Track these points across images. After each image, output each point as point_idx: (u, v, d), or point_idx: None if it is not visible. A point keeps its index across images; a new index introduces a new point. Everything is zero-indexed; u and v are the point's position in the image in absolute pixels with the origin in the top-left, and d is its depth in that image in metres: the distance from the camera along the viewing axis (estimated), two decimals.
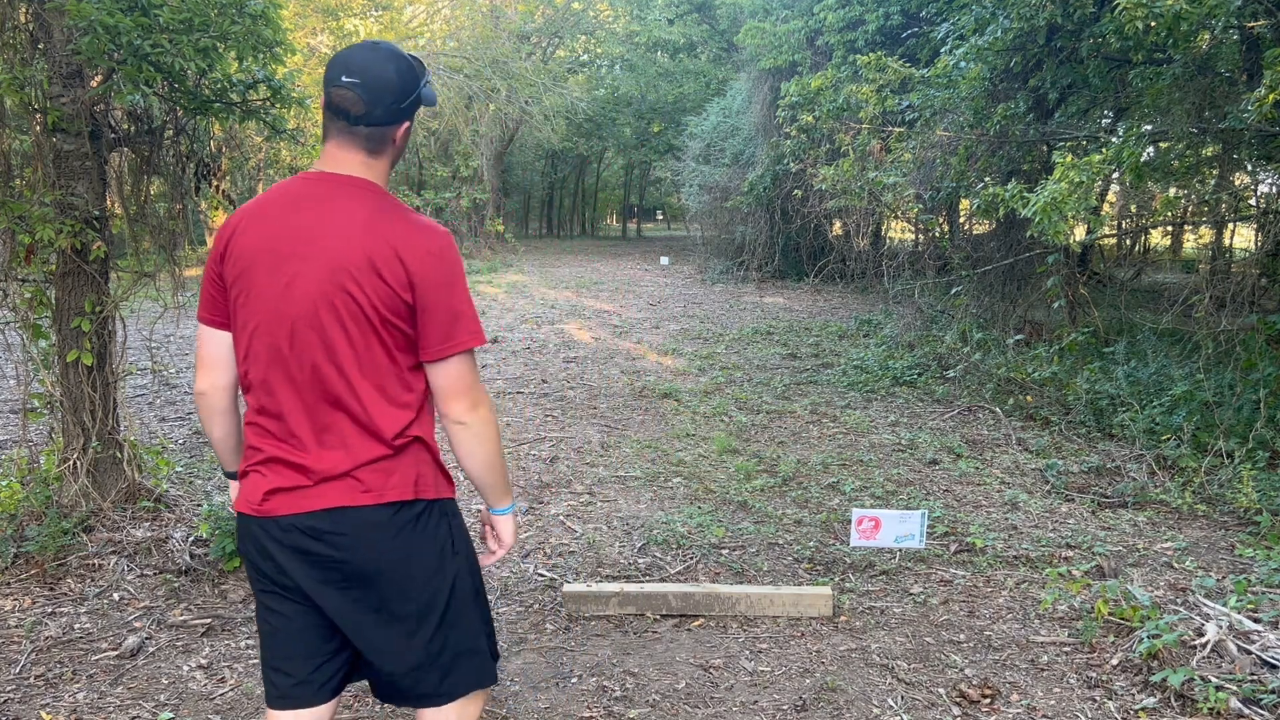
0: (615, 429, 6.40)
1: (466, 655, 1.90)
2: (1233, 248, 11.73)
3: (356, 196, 1.75)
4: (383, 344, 1.73)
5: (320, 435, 1.75)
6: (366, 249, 1.69)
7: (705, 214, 19.12)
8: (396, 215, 1.75)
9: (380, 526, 1.76)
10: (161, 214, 4.40)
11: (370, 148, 1.78)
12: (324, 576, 1.78)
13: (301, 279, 1.72)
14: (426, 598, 1.83)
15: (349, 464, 1.75)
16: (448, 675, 1.87)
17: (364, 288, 1.69)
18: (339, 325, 1.71)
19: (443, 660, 1.86)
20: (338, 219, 1.72)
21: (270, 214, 1.78)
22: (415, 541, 1.79)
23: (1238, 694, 2.83)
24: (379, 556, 1.77)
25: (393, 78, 1.75)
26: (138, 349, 7.44)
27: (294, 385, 1.75)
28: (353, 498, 1.75)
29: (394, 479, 1.77)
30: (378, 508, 1.75)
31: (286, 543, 1.77)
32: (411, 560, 1.80)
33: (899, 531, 3.78)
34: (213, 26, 3.55)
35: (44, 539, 3.69)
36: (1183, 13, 5.09)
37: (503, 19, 24.29)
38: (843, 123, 8.68)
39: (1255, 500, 4.60)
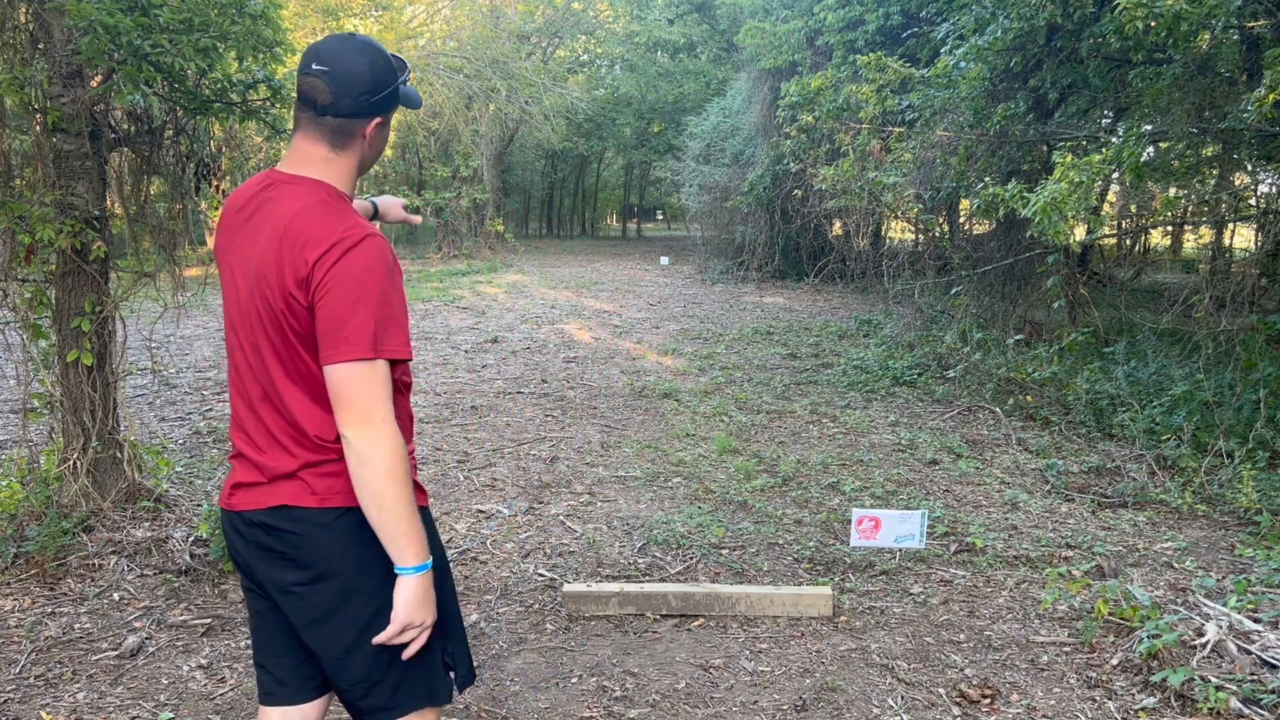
0: (615, 429, 6.40)
1: (418, 669, 1.79)
2: (1233, 248, 11.73)
3: (296, 196, 1.69)
4: (304, 347, 1.67)
5: (268, 434, 1.73)
6: (282, 249, 1.64)
7: (705, 214, 19.13)
8: (321, 214, 1.66)
9: (327, 528, 1.71)
10: (161, 214, 4.40)
11: (334, 141, 1.72)
12: (279, 575, 1.75)
13: (241, 282, 1.72)
14: (375, 607, 1.72)
15: (294, 465, 1.71)
16: (398, 689, 1.78)
17: (275, 291, 1.65)
18: (263, 328, 1.69)
19: (393, 673, 1.76)
20: (271, 220, 1.69)
21: (229, 214, 1.79)
22: (363, 548, 1.71)
23: (1238, 694, 2.83)
24: (327, 558, 1.72)
25: (363, 69, 1.70)
26: (138, 349, 7.44)
27: (244, 385, 1.76)
28: (300, 498, 1.71)
29: (339, 484, 1.70)
30: (324, 510, 1.70)
31: (248, 537, 1.76)
32: (359, 567, 1.72)
33: (899, 531, 3.78)
34: (213, 26, 3.55)
35: (44, 539, 3.69)
36: (1183, 13, 5.09)
37: (503, 19, 24.29)
38: (843, 123, 8.68)
39: (1255, 500, 4.60)
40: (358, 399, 1.62)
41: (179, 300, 4.29)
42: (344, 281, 1.60)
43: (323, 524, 1.71)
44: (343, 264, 1.61)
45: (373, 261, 1.63)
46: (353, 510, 1.70)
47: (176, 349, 9.08)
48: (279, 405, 1.71)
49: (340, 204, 1.71)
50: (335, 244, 1.61)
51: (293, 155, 1.75)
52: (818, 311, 12.89)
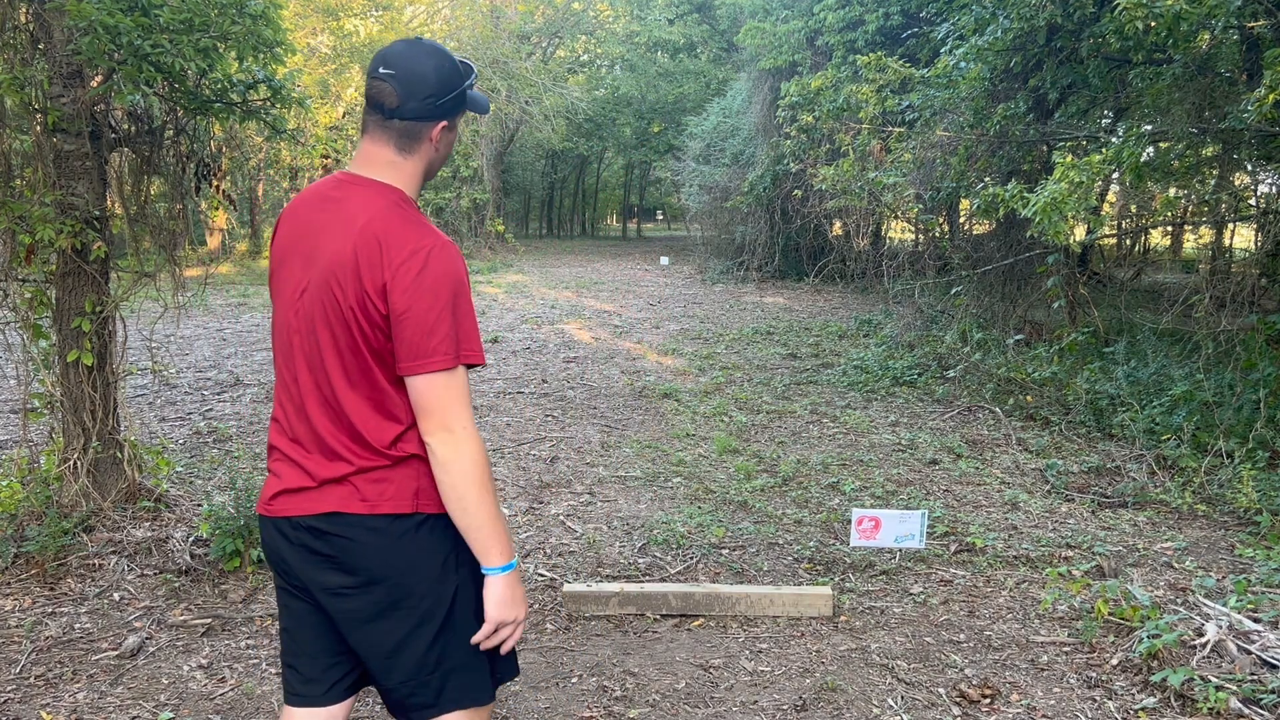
0: (615, 429, 6.40)
1: (462, 671, 1.81)
2: (1233, 248, 11.74)
3: (368, 200, 1.71)
4: (370, 353, 1.68)
5: (319, 439, 1.74)
6: (356, 254, 1.65)
7: (705, 214, 19.13)
8: (397, 220, 1.68)
9: (379, 533, 1.72)
10: (161, 214, 4.40)
11: (401, 144, 1.74)
12: (326, 579, 1.77)
13: (308, 284, 1.72)
14: (425, 608, 1.76)
15: (345, 470, 1.72)
16: (443, 690, 1.80)
17: (348, 294, 1.66)
18: (330, 333, 1.70)
19: (439, 673, 1.79)
20: (341, 224, 1.70)
21: (297, 214, 1.79)
22: (413, 552, 1.74)
23: (1238, 694, 2.83)
24: (378, 563, 1.74)
25: (429, 73, 1.71)
26: (138, 349, 7.44)
27: (299, 388, 1.77)
28: (350, 504, 1.72)
29: (390, 490, 1.72)
30: (374, 516, 1.72)
31: (295, 541, 1.77)
32: (410, 570, 1.74)
33: (899, 531, 3.78)
34: (213, 26, 3.55)
35: (44, 539, 3.69)
36: (1183, 13, 5.09)
37: (503, 19, 24.29)
38: (843, 123, 8.68)
39: (1255, 500, 4.60)
40: (442, 407, 1.66)
41: (179, 300, 4.29)
42: (426, 291, 1.63)
43: (372, 529, 1.72)
44: (424, 274, 1.63)
45: (451, 270, 1.66)
46: (402, 516, 1.72)
47: (176, 349, 9.09)
48: (335, 410, 1.72)
49: (412, 210, 1.73)
50: (415, 252, 1.64)
51: (360, 157, 1.77)
52: (818, 311, 12.89)
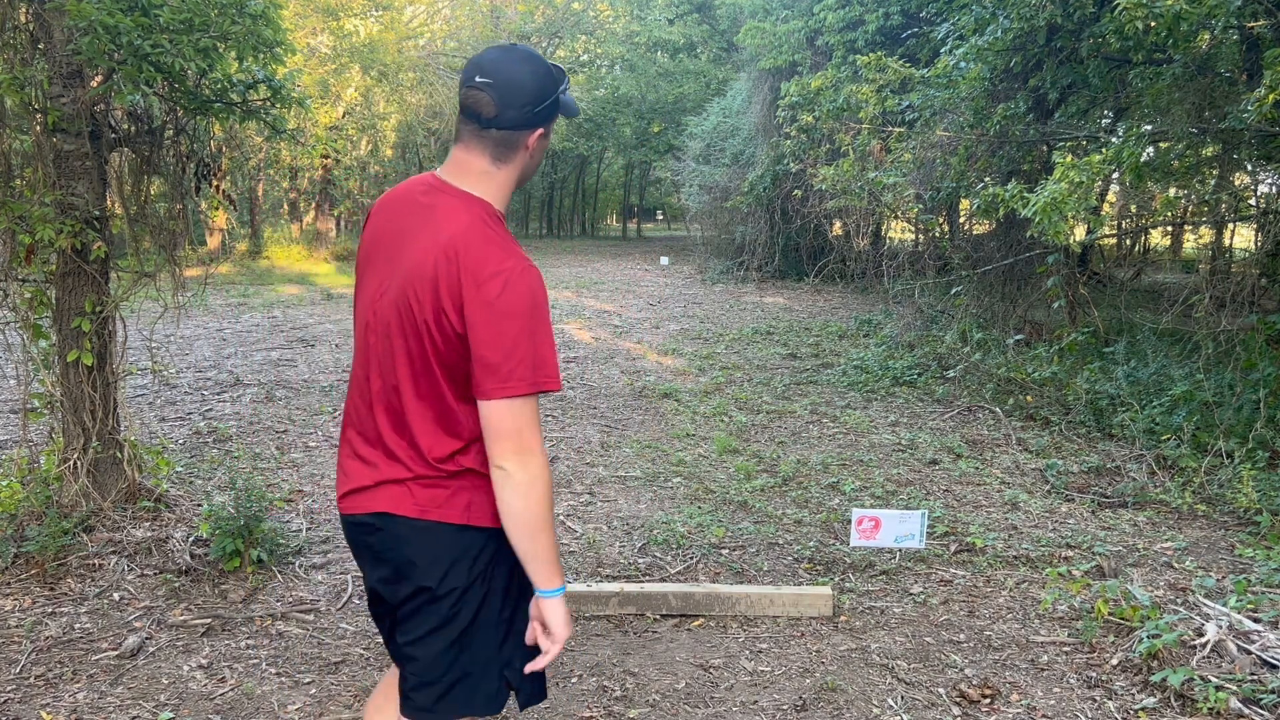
0: (615, 429, 6.40)
1: (468, 681, 1.81)
2: (1233, 248, 11.74)
3: (456, 212, 1.69)
4: (440, 367, 1.68)
5: (382, 441, 1.76)
6: (436, 269, 1.63)
7: (705, 214, 19.13)
8: (478, 238, 1.65)
9: (423, 534, 1.75)
10: (161, 214, 4.39)
11: (497, 154, 1.71)
12: (378, 571, 1.82)
13: (388, 286, 1.72)
14: (448, 613, 1.77)
15: (403, 474, 1.74)
16: (443, 696, 1.81)
17: (425, 307, 1.64)
18: (404, 341, 1.69)
19: (444, 681, 1.80)
20: (426, 233, 1.68)
21: (388, 213, 1.79)
22: (452, 558, 1.75)
23: (1238, 694, 2.83)
24: (417, 563, 1.76)
25: (527, 81, 1.68)
26: (138, 349, 7.44)
27: (369, 387, 1.78)
28: (402, 506, 1.74)
29: (441, 498, 1.73)
30: (422, 520, 1.74)
31: (354, 538, 1.84)
32: (444, 575, 1.75)
33: (899, 531, 3.78)
34: (213, 26, 3.55)
35: (44, 539, 3.69)
36: (1183, 13, 5.09)
37: (503, 19, 24.30)
38: (843, 123, 8.68)
39: (1255, 500, 4.60)
40: (516, 432, 1.64)
41: (179, 300, 4.29)
42: (504, 315, 1.61)
43: (418, 530, 1.74)
44: (503, 297, 1.61)
45: (530, 294, 1.63)
46: (449, 526, 1.74)
47: (176, 349, 9.08)
48: (400, 416, 1.73)
49: (499, 227, 1.70)
50: (495, 274, 1.61)
51: (453, 165, 1.75)
52: (818, 311, 12.89)
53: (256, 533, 3.87)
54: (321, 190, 20.92)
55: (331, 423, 6.43)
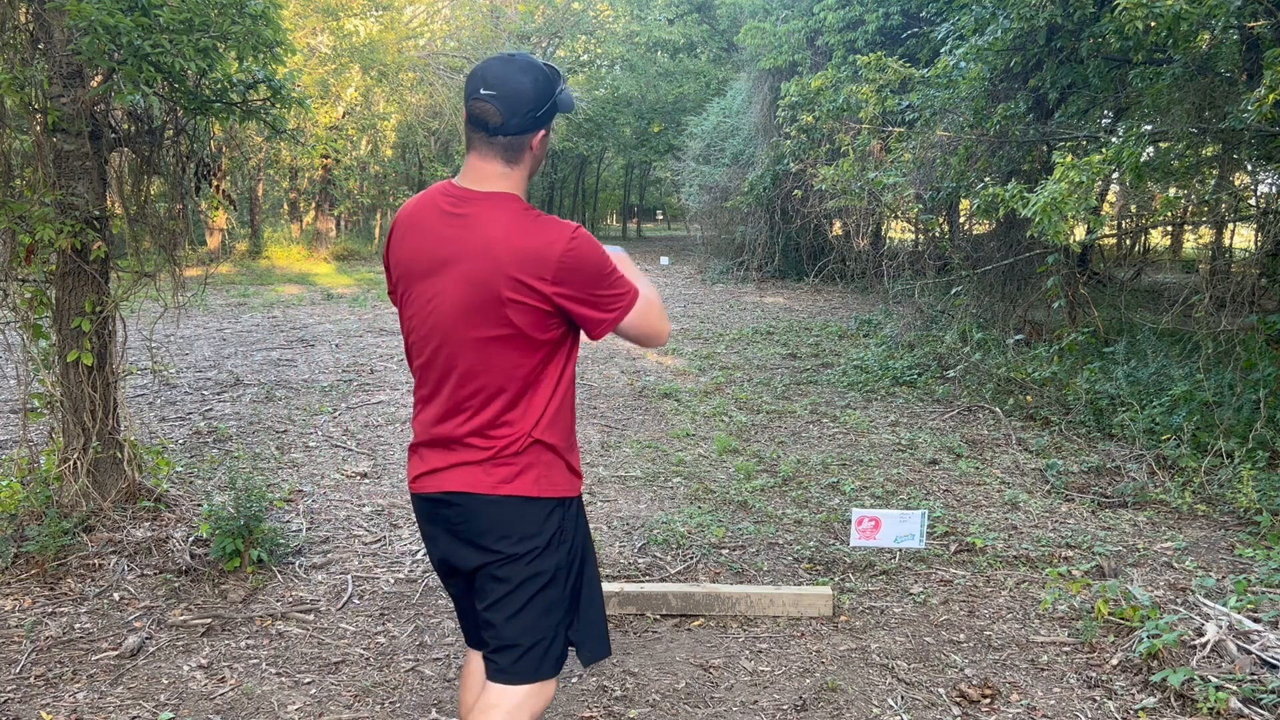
0: (615, 429, 6.40)
1: (541, 644, 2.00)
2: (1233, 248, 11.74)
3: (499, 210, 1.87)
4: (513, 347, 1.88)
5: (457, 426, 1.94)
6: (511, 260, 1.82)
7: (705, 214, 19.12)
8: (532, 222, 1.86)
9: (502, 508, 1.93)
10: (161, 214, 4.40)
11: (507, 157, 1.90)
12: (452, 544, 2.01)
13: (450, 290, 1.88)
14: (523, 579, 1.96)
15: (481, 455, 1.93)
16: (521, 658, 1.99)
17: (509, 290, 1.83)
18: (480, 334, 1.87)
19: (524, 643, 1.98)
20: (482, 233, 1.85)
21: (425, 226, 1.94)
22: (526, 529, 1.95)
23: (1238, 694, 2.83)
24: (489, 538, 1.95)
25: (528, 88, 1.85)
26: (138, 349, 7.44)
27: (442, 380, 1.95)
28: (479, 484, 1.93)
29: (513, 473, 1.93)
30: (492, 499, 1.93)
31: (429, 517, 2.03)
32: (518, 543, 1.94)
33: (899, 531, 3.78)
34: (213, 26, 3.56)
35: (44, 539, 3.69)
36: (1183, 13, 5.09)
37: (503, 19, 24.30)
38: (843, 123, 8.68)
39: (1255, 500, 4.60)
40: (645, 326, 1.99)
41: (179, 300, 4.29)
42: (590, 263, 1.87)
43: (493, 503, 1.93)
44: (585, 251, 1.86)
45: (592, 241, 1.91)
46: (524, 499, 1.94)
47: (176, 349, 9.09)
48: (483, 402, 1.92)
49: (536, 211, 1.92)
50: (569, 239, 1.85)
51: (472, 172, 1.92)
52: (818, 311, 12.89)
53: (256, 533, 3.87)
54: (321, 190, 20.92)
55: (331, 423, 6.43)
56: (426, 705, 2.94)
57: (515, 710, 1.99)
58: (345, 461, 5.52)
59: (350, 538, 4.32)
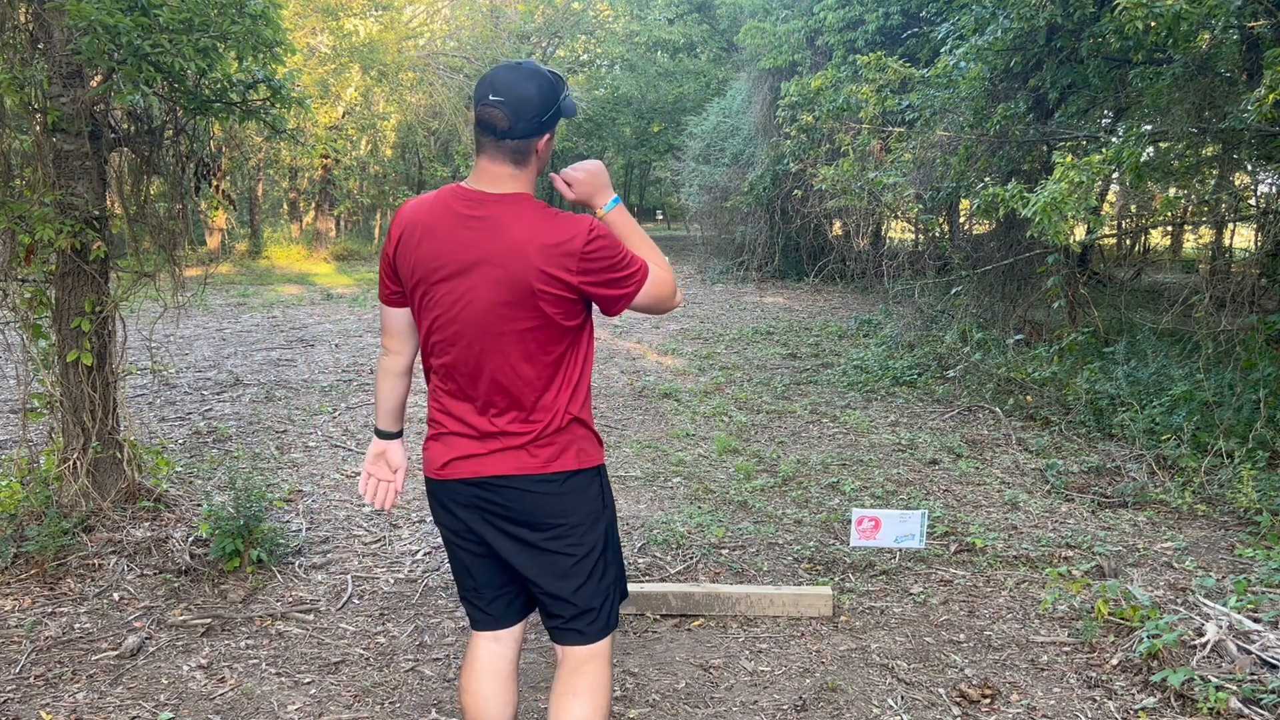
0: (615, 429, 6.40)
1: (610, 598, 2.21)
2: (1233, 248, 11.73)
3: (517, 209, 1.99)
4: (545, 335, 2.01)
5: (493, 415, 2.06)
6: (538, 255, 1.94)
7: (705, 214, 19.10)
8: (549, 219, 1.99)
9: (548, 485, 2.07)
10: (161, 214, 4.39)
11: (515, 159, 2.00)
12: (497, 526, 2.12)
13: (481, 289, 1.98)
14: (588, 546, 2.14)
15: (521, 440, 2.05)
16: (598, 617, 2.18)
17: (538, 282, 1.95)
18: (513, 325, 1.99)
19: (597, 604, 2.17)
20: (500, 234, 1.97)
21: (442, 230, 2.03)
22: (575, 502, 2.11)
23: (1238, 694, 2.83)
24: (549, 512, 2.09)
25: (533, 94, 1.96)
26: (138, 349, 7.44)
27: (471, 373, 2.06)
28: (526, 467, 2.05)
29: (557, 451, 2.07)
30: (543, 477, 2.06)
31: (463, 500, 2.13)
32: (571, 515, 2.10)
33: (899, 531, 3.78)
34: (213, 26, 3.55)
35: (44, 539, 3.69)
36: (1183, 13, 5.08)
37: (503, 19, 24.30)
38: (843, 123, 8.67)
39: (1255, 500, 4.60)
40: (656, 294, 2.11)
41: (179, 300, 4.29)
42: (610, 248, 2.02)
43: (544, 481, 2.07)
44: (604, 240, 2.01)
45: (604, 230, 2.05)
46: (569, 474, 2.09)
47: (176, 349, 9.08)
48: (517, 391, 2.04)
49: (552, 208, 2.05)
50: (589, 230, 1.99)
51: (484, 175, 2.03)
52: (818, 311, 12.89)
53: (256, 533, 3.87)
54: (321, 190, 20.91)
55: (331, 423, 6.43)
56: (426, 705, 2.94)
57: (606, 661, 2.22)
58: (345, 461, 5.52)
59: (350, 538, 4.32)
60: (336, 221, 23.47)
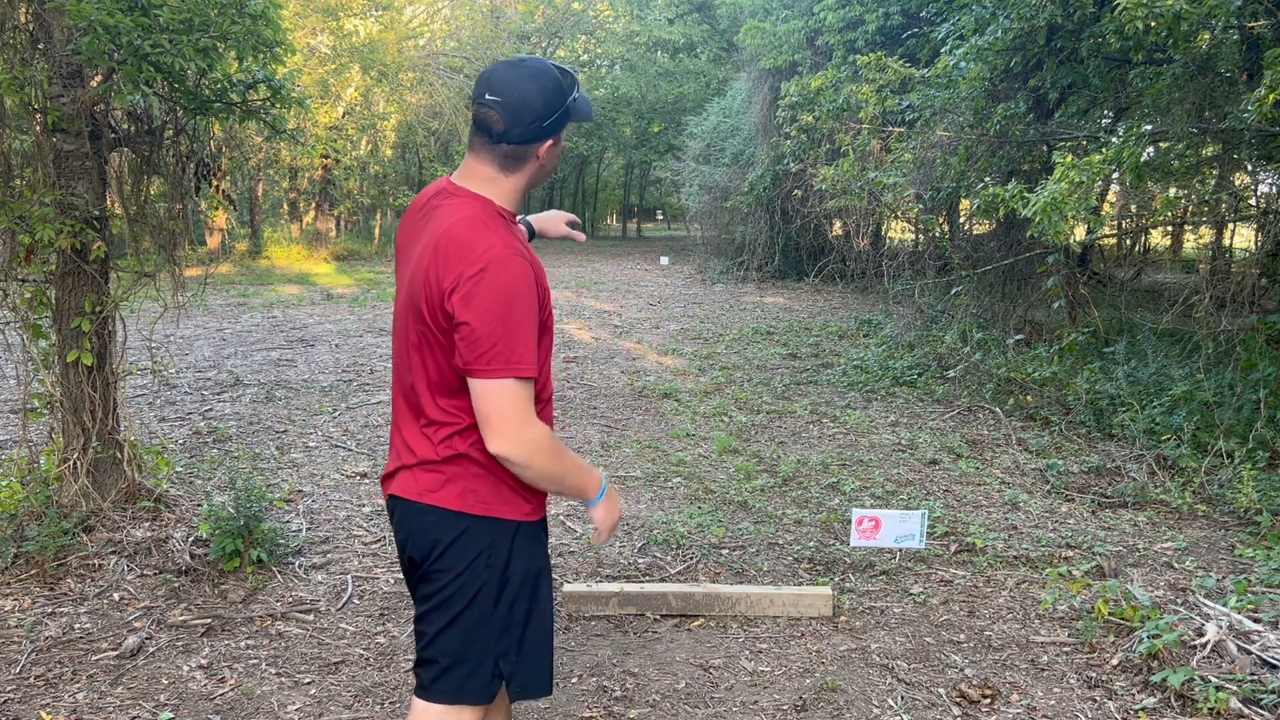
0: (615, 429, 6.40)
1: (463, 667, 1.88)
2: (1233, 248, 11.73)
3: (456, 209, 1.79)
4: (442, 351, 1.77)
5: (404, 428, 1.90)
6: (435, 258, 1.73)
7: (705, 214, 19.12)
8: (472, 230, 1.74)
9: (425, 517, 1.86)
10: (161, 214, 4.39)
11: (504, 165, 1.81)
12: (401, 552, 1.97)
13: (402, 287, 1.87)
14: (446, 595, 1.86)
15: (413, 460, 1.87)
16: (440, 677, 1.89)
17: (426, 296, 1.74)
18: (416, 332, 1.80)
19: (442, 661, 1.88)
20: (431, 228, 1.80)
21: (409, 220, 1.94)
22: (449, 543, 1.84)
23: (1238, 694, 2.83)
24: (420, 544, 1.88)
25: (534, 98, 1.76)
26: (138, 349, 7.44)
27: (396, 378, 1.94)
28: (409, 490, 1.87)
29: (438, 483, 1.84)
30: (422, 504, 1.86)
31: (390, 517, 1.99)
32: (443, 557, 1.85)
33: (899, 531, 3.78)
34: (213, 26, 3.55)
35: (44, 539, 3.69)
36: (1183, 13, 5.09)
37: (503, 19, 24.31)
38: (843, 123, 8.68)
39: (1255, 500, 4.60)
40: (500, 416, 1.72)
41: (179, 300, 4.29)
42: (483, 301, 1.68)
43: (421, 513, 1.86)
44: (481, 284, 1.68)
45: (507, 283, 1.69)
46: (439, 510, 1.84)
47: (176, 349, 9.09)
48: (414, 404, 1.87)
49: (494, 221, 1.78)
50: (475, 261, 1.69)
51: (464, 170, 1.86)
52: (818, 311, 12.89)
53: (256, 533, 3.87)
54: (321, 190, 20.92)
55: (331, 423, 6.43)
56: None
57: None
58: (345, 461, 5.52)
59: (350, 538, 4.32)
60: (337, 221, 23.48)
